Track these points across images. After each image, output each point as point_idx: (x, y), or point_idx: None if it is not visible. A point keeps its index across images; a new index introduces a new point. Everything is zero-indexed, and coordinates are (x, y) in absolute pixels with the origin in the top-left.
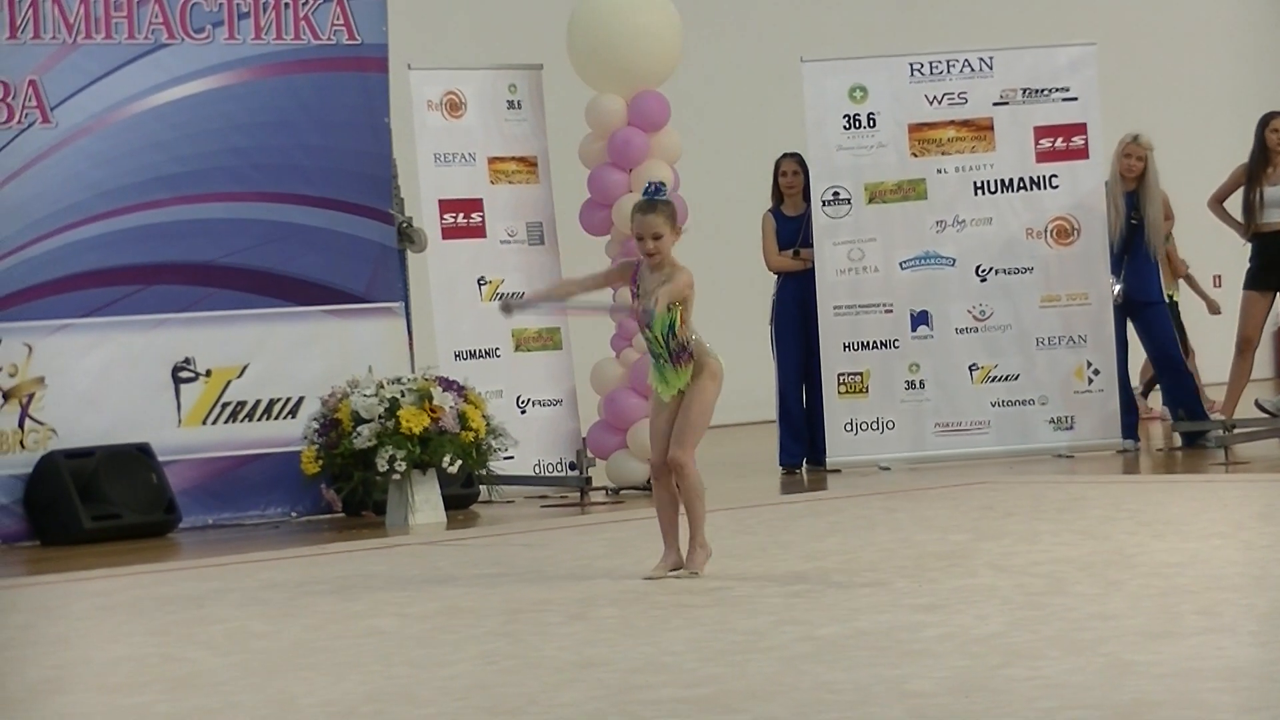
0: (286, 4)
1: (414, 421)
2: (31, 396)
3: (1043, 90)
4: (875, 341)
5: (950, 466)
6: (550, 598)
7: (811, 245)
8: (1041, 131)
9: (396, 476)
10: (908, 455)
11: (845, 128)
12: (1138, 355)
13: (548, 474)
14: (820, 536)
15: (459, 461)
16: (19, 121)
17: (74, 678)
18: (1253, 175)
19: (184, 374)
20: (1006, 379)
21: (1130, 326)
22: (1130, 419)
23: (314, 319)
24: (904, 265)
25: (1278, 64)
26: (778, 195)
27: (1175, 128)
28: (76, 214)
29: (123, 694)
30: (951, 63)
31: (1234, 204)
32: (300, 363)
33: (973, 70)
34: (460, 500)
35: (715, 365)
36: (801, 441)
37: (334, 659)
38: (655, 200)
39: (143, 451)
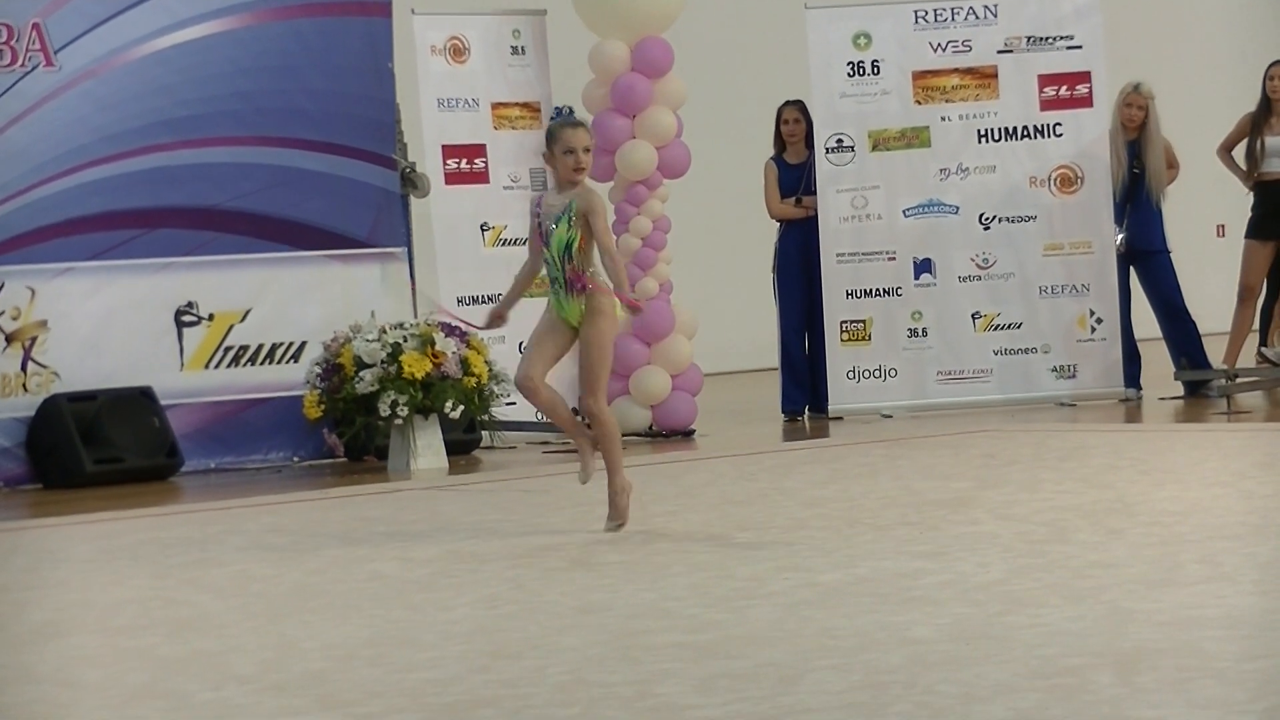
0: None
1: (416, 367)
2: (34, 339)
3: (1047, 38)
4: (878, 289)
5: (952, 414)
6: (551, 543)
7: (814, 193)
8: (1045, 79)
9: (399, 422)
10: (910, 403)
11: (849, 75)
12: (1141, 305)
13: (549, 421)
14: (822, 483)
15: (461, 407)
16: (22, 65)
17: (76, 620)
18: (1256, 124)
19: (187, 318)
20: (1009, 327)
21: (1134, 276)
22: (1133, 368)
23: (317, 264)
24: (907, 213)
25: None
26: (780, 143)
27: (1180, 77)
28: (80, 157)
29: (125, 636)
30: (956, 10)
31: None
32: (303, 307)
33: (977, 18)
34: (462, 446)
35: (608, 304)
36: (804, 389)
37: (335, 603)
38: (576, 119)
39: (145, 395)
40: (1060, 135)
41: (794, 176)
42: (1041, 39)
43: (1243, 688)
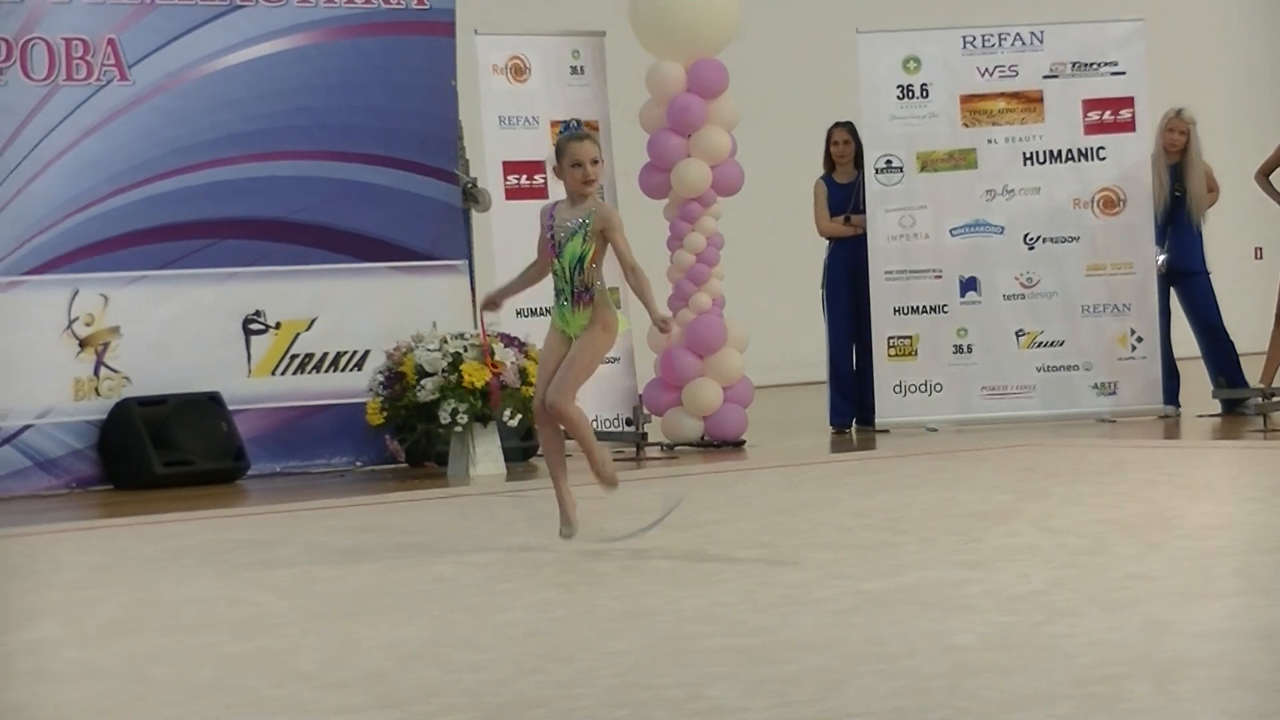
0: None
1: (476, 376)
2: (107, 345)
3: (1092, 64)
4: (924, 306)
5: (995, 429)
6: (603, 548)
7: (862, 211)
8: (1090, 104)
9: (458, 429)
10: (954, 417)
11: (899, 97)
12: (1180, 324)
13: (605, 429)
14: (868, 494)
15: (519, 415)
16: (97, 79)
17: (144, 618)
18: None
19: (254, 326)
20: (1052, 345)
21: (1174, 296)
22: (1172, 386)
23: (380, 275)
24: (954, 232)
25: None
26: (829, 163)
27: (1220, 103)
28: (151, 170)
29: (191, 634)
30: (1003, 36)
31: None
32: (366, 317)
33: (1023, 43)
34: (519, 453)
35: (611, 318)
36: (851, 402)
37: (395, 604)
38: (584, 131)
39: (213, 400)
40: (1103, 158)
41: (843, 195)
42: (1086, 65)
43: (1277, 698)
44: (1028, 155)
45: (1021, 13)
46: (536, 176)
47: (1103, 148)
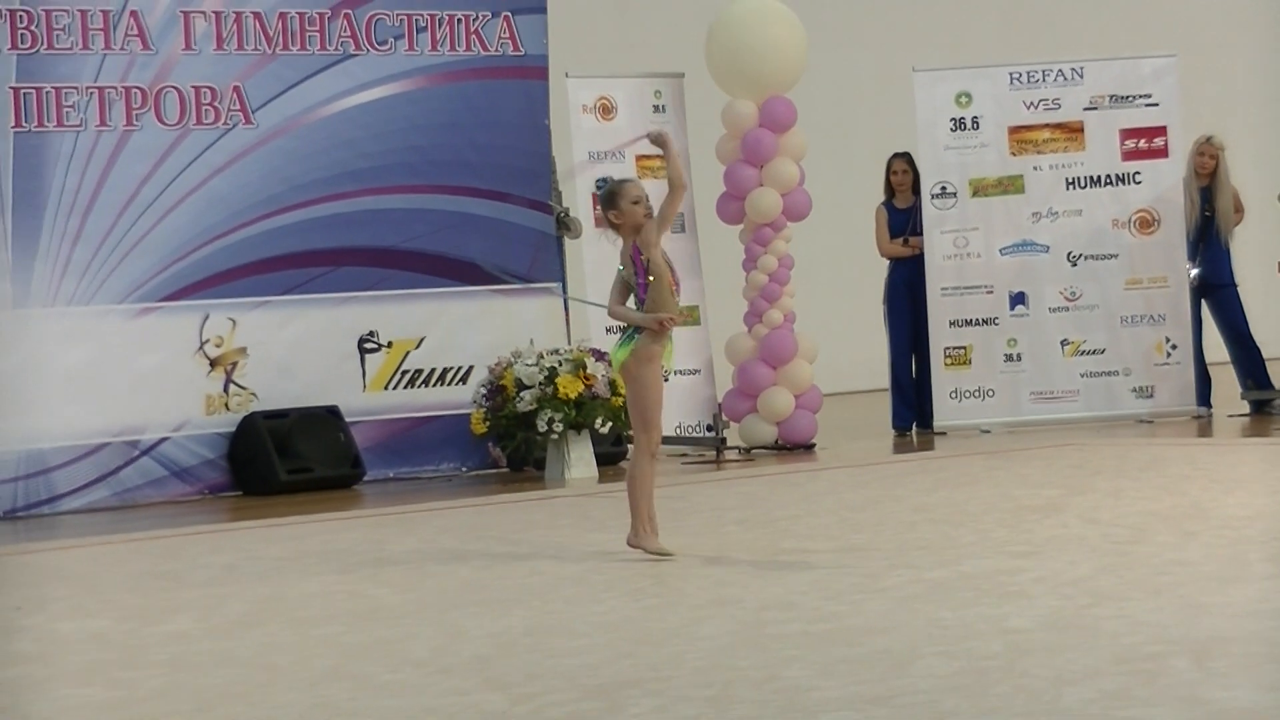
0: (459, 19)
1: (570, 388)
2: (235, 364)
3: (1128, 96)
4: (977, 319)
5: (1044, 430)
6: (689, 543)
7: (920, 234)
8: (1126, 133)
9: (554, 436)
10: (1006, 420)
11: (952, 129)
12: (1211, 333)
13: (687, 435)
14: (928, 491)
15: (610, 423)
16: (225, 122)
17: (271, 611)
18: None
19: (368, 345)
20: (1094, 353)
21: (1205, 307)
22: (1204, 389)
23: (482, 297)
24: (1003, 251)
25: None
26: (889, 189)
27: (1246, 130)
28: (275, 204)
29: (314, 626)
30: (1047, 72)
31: None
32: (470, 335)
33: (1065, 79)
34: (610, 457)
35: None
36: (911, 407)
37: (499, 596)
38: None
39: (332, 413)
40: (1139, 183)
41: (902, 219)
42: (1123, 97)
43: None
44: (1070, 181)
45: (1064, 51)
46: None
47: (1139, 173)
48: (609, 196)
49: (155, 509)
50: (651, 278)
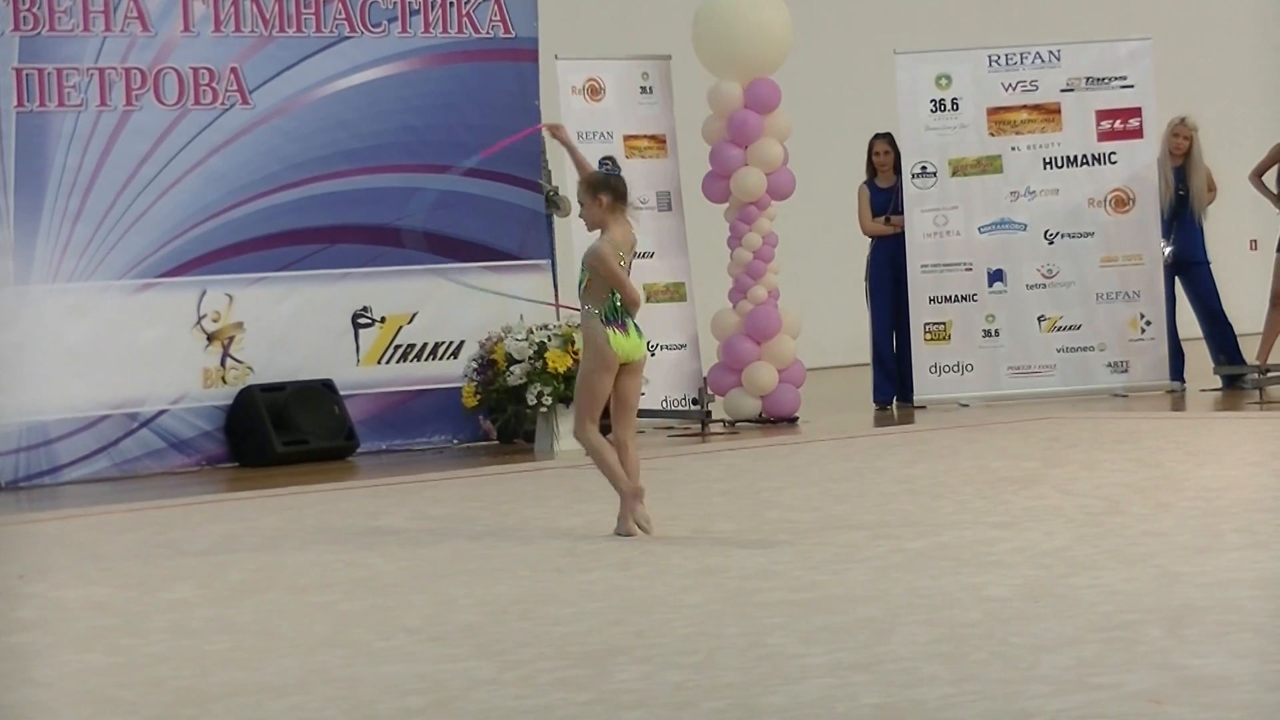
0: (451, 2)
1: (559, 362)
2: (232, 339)
3: (1104, 79)
4: (957, 295)
5: (1021, 404)
6: (676, 514)
7: (901, 213)
8: (1102, 114)
9: (544, 409)
10: (984, 394)
11: (932, 110)
12: (1184, 309)
13: (673, 408)
14: (909, 463)
15: None
16: (222, 103)
17: (269, 579)
18: None
19: (362, 320)
20: (1070, 328)
21: (1179, 284)
22: (1178, 364)
23: (474, 274)
24: (982, 230)
25: None
26: (872, 169)
27: (1220, 111)
28: (271, 183)
29: (311, 593)
30: (1025, 54)
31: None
32: (461, 311)
33: (1043, 61)
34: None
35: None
36: (892, 381)
37: (490, 565)
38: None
39: (327, 386)
40: (1115, 162)
41: (884, 198)
42: (1099, 79)
43: (1277, 640)
44: (1047, 160)
45: (1041, 34)
46: None
47: (1114, 153)
48: (597, 182)
49: (154, 480)
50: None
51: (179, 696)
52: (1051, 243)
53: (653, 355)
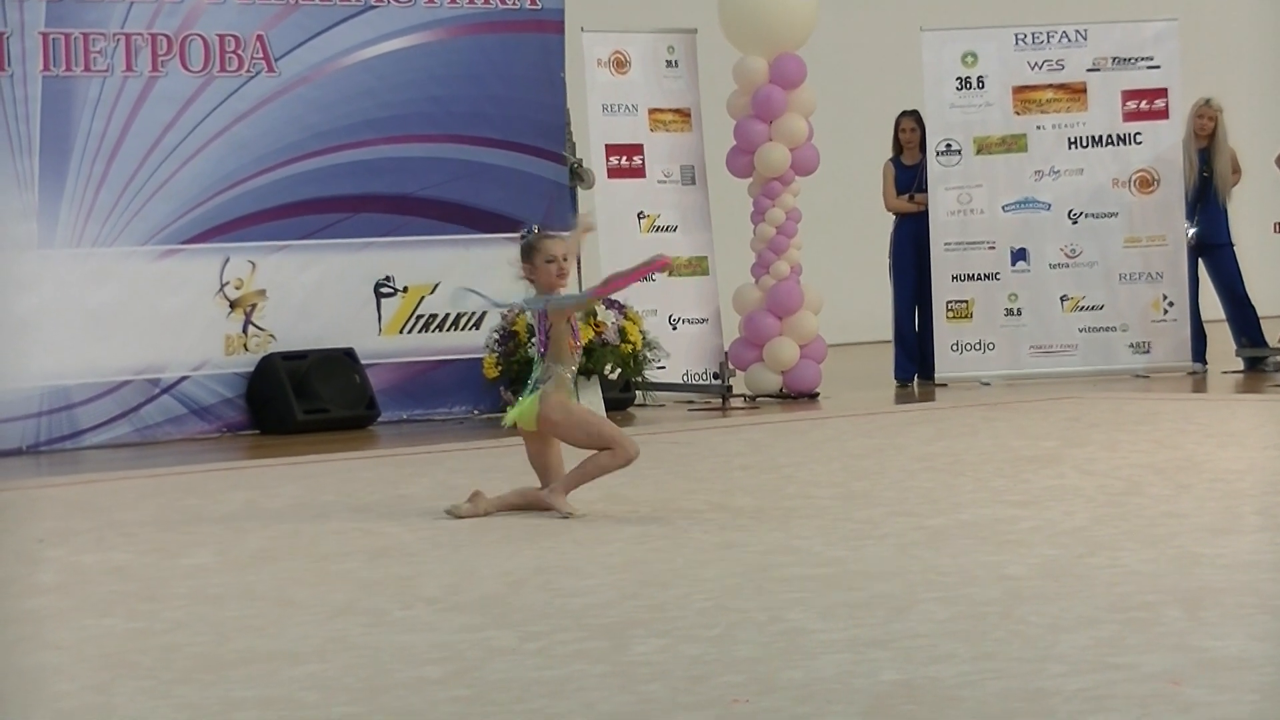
0: None
1: (581, 334)
2: (254, 306)
3: (1130, 59)
4: (979, 274)
5: (1042, 383)
6: (695, 488)
7: (925, 190)
8: (1128, 95)
9: None
10: (1006, 372)
11: (958, 89)
12: (1207, 291)
13: (694, 382)
14: (929, 441)
15: (619, 370)
16: (248, 70)
17: (288, 546)
18: None
19: (384, 289)
20: (1092, 309)
21: (1202, 266)
22: (1200, 346)
23: (497, 245)
24: (1006, 208)
25: None
26: (897, 147)
27: (1245, 93)
28: (295, 151)
29: (329, 561)
30: (1051, 34)
31: None
32: (484, 282)
33: (1069, 41)
34: (619, 403)
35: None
36: (914, 359)
37: (510, 535)
38: (549, 231)
39: (348, 355)
40: (1140, 143)
41: (908, 176)
42: (1125, 60)
43: None
44: (1072, 140)
45: (1068, 13)
46: (635, 158)
47: (1139, 133)
48: (527, 249)
49: (175, 446)
50: (549, 340)
51: (197, 662)
52: (1075, 223)
53: (674, 330)
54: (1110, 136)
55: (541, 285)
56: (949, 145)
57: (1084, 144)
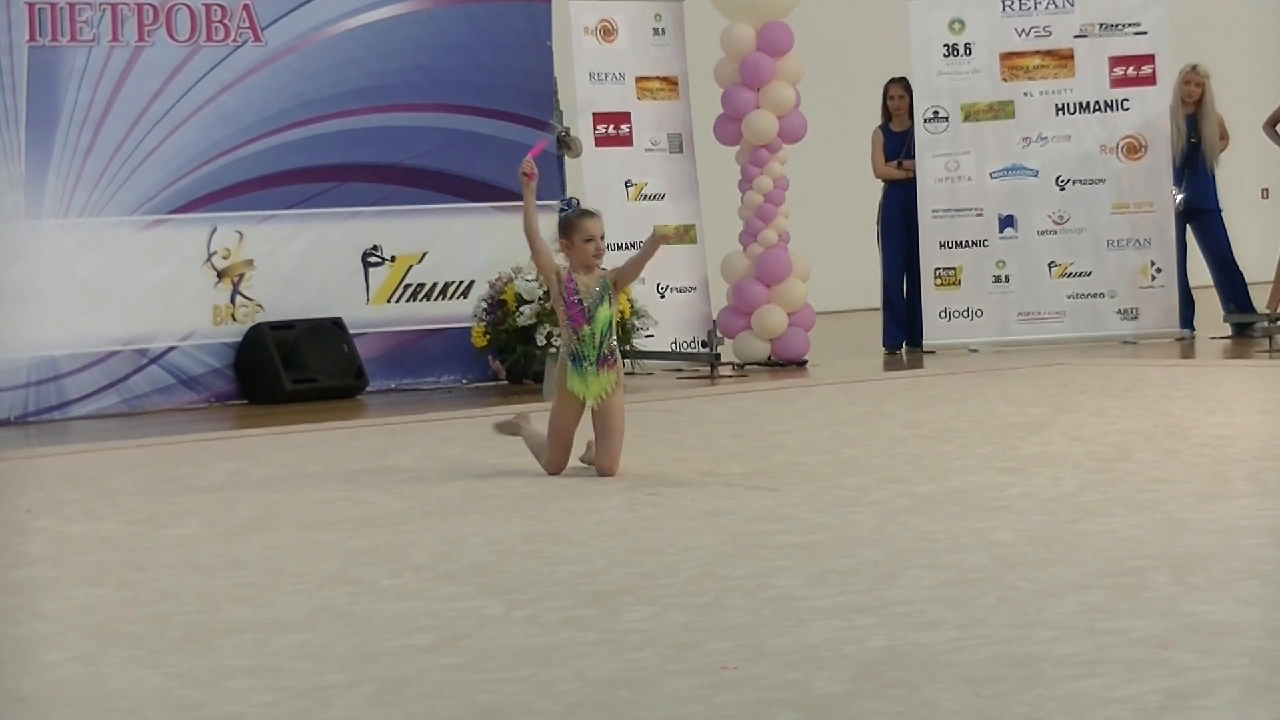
0: None
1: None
2: (242, 276)
3: (1117, 25)
4: (967, 241)
5: (1030, 350)
6: (683, 455)
7: (913, 157)
8: (1115, 61)
9: (553, 350)
10: (994, 339)
11: (945, 55)
12: (1195, 257)
13: (683, 350)
14: (918, 408)
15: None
16: (234, 40)
17: (277, 516)
18: None
19: (372, 259)
20: (1080, 275)
21: (1189, 231)
22: (1187, 312)
23: (484, 214)
24: (994, 175)
25: None
26: (886, 114)
27: (1233, 59)
28: (282, 120)
29: (318, 531)
30: (1038, 0)
31: None
32: (472, 251)
33: (1056, 7)
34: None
35: (622, 374)
36: (902, 326)
37: (498, 504)
38: (588, 208)
39: (336, 325)
40: (1127, 109)
41: (897, 143)
42: (1112, 26)
43: None
44: (1060, 106)
45: None
46: (622, 126)
47: (1127, 100)
48: (565, 225)
49: (163, 416)
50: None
51: (186, 632)
52: (1063, 189)
53: (662, 298)
54: (1098, 103)
55: (577, 262)
56: (936, 112)
57: (1071, 110)
